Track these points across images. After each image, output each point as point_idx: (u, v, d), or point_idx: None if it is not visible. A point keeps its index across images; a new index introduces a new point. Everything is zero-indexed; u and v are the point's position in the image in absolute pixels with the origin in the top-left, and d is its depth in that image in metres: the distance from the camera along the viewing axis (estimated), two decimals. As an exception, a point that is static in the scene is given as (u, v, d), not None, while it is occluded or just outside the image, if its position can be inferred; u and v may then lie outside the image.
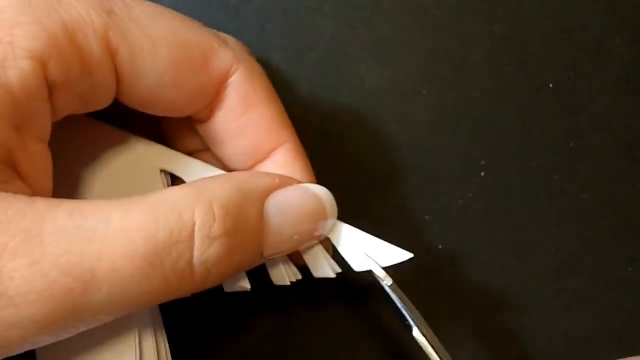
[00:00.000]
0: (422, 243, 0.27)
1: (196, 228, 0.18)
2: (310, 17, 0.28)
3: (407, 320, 0.22)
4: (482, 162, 0.28)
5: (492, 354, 0.27)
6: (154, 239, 0.17)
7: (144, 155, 0.22)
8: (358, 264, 0.22)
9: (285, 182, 0.21)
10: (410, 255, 0.22)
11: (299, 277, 0.23)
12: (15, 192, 0.17)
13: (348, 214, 0.22)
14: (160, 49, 0.19)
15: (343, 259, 0.22)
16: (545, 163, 0.28)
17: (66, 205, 0.17)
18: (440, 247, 0.27)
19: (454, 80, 0.28)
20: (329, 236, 0.22)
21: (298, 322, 0.26)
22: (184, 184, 0.19)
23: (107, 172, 0.22)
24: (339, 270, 0.22)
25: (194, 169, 0.23)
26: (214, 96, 0.21)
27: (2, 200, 0.16)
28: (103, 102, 0.20)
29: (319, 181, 0.23)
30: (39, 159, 0.19)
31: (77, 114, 0.20)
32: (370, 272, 0.22)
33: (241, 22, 0.28)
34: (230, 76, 0.21)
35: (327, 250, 0.22)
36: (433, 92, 0.28)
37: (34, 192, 0.18)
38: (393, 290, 0.22)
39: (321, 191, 0.21)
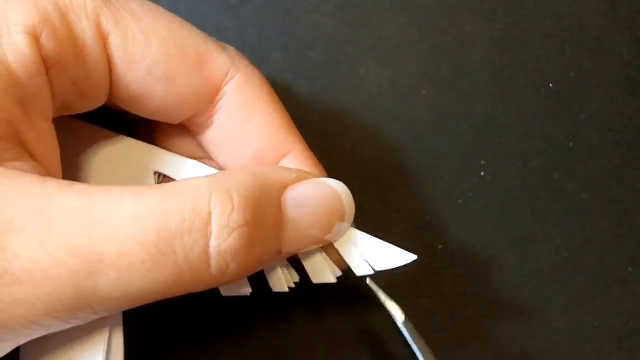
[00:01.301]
0: (422, 243, 0.27)
1: (214, 217, 0.17)
2: (310, 17, 0.28)
3: (417, 357, 0.22)
4: (482, 162, 0.28)
5: (492, 354, 0.27)
6: (165, 225, 0.16)
7: (137, 157, 0.22)
8: (360, 269, 0.22)
9: (303, 176, 0.20)
10: (414, 257, 0.21)
11: (297, 279, 0.22)
12: (28, 172, 0.17)
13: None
14: (153, 40, 0.19)
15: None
16: (545, 163, 0.28)
17: (77, 187, 0.17)
18: (440, 247, 0.27)
19: (454, 80, 0.28)
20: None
21: (297, 330, 0.26)
22: (202, 176, 0.19)
23: (99, 174, 0.22)
24: (340, 273, 0.22)
25: (188, 170, 0.22)
26: (211, 102, 0.21)
27: (10, 178, 0.16)
28: (97, 96, 0.20)
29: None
30: (47, 139, 0.18)
31: (74, 110, 0.20)
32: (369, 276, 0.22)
33: (241, 22, 0.28)
34: (228, 82, 0.21)
35: (335, 257, 0.22)
36: (433, 92, 0.28)
37: (46, 173, 0.18)
38: (405, 327, 0.21)
39: (339, 186, 0.21)
